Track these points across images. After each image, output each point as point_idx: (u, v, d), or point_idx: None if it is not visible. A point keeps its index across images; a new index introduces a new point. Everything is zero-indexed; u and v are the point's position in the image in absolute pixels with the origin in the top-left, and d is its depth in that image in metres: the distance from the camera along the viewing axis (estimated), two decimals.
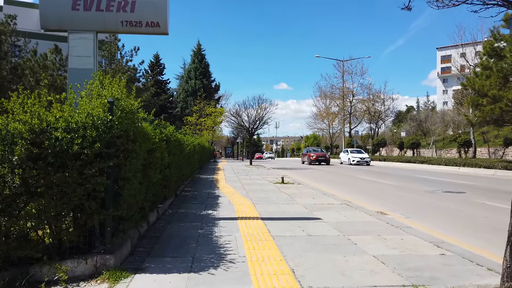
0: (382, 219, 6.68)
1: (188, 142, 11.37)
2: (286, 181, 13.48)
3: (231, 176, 16.85)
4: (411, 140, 35.10)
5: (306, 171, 22.53)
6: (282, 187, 12.02)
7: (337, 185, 13.88)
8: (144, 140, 4.80)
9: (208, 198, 9.35)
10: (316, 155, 31.21)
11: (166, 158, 6.93)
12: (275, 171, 20.98)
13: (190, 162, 12.20)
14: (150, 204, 5.85)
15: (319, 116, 54.96)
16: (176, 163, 8.55)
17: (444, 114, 64.80)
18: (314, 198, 9.34)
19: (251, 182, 13.78)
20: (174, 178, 8.15)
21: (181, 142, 9.07)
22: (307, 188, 11.84)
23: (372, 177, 17.54)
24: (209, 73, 47.49)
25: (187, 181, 12.70)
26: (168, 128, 7.91)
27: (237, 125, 28.24)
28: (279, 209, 7.74)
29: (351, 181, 15.72)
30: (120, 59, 30.84)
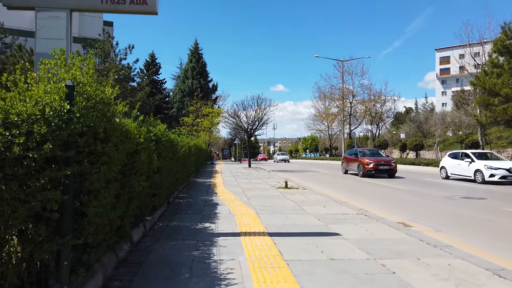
0: (413, 235, 5.61)
1: (183, 143, 10.27)
2: (289, 186, 12.41)
3: (229, 179, 15.75)
4: (414, 141, 34.13)
5: (307, 174, 21.48)
6: (286, 192, 10.94)
7: (343, 190, 12.83)
8: (122, 139, 3.70)
9: (205, 206, 8.25)
10: (374, 161, 18.17)
11: (155, 161, 5.84)
12: (276, 174, 19.91)
13: (185, 165, 11.10)
14: (134, 219, 4.76)
15: (318, 117, 53.98)
16: (168, 167, 7.45)
17: (445, 115, 64.13)
18: (325, 207, 8.26)
19: (252, 186, 12.69)
20: (165, 184, 7.05)
21: (174, 143, 7.98)
22: (314, 193, 10.77)
23: (377, 180, 16.49)
24: (206, 72, 46.36)
25: (182, 186, 11.60)
26: (158, 126, 6.82)
27: (235, 125, 27.13)
28: (288, 221, 6.65)
29: (358, 185, 14.67)
30: (114, 57, 29.80)
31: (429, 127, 65.19)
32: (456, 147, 56.58)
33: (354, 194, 11.54)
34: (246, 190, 11.48)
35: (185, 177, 11.82)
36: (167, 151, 7.11)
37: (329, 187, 13.66)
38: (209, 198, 9.65)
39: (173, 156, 8.02)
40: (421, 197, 10.88)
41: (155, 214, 6.47)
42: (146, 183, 5.26)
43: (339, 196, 10.54)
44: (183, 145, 10.08)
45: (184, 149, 10.11)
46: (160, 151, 6.46)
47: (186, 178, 12.60)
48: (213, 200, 9.20)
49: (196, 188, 12.03)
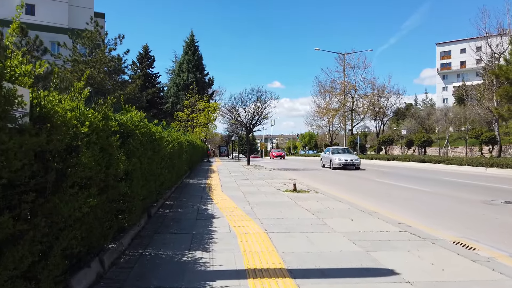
0: (505, 272, 3.75)
1: (171, 138, 8.35)
2: (298, 188, 10.53)
3: (227, 180, 13.84)
4: (422, 137, 32.29)
5: (312, 173, 19.61)
6: (297, 197, 9.06)
7: (362, 193, 10.96)
8: None
9: (198, 220, 6.34)
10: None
11: (121, 163, 3.94)
12: (278, 173, 18.02)
13: (175, 165, 9.18)
14: (68, 266, 2.83)
15: (319, 112, 52.08)
16: (147, 169, 5.53)
17: (448, 110, 62.46)
18: (353, 220, 6.38)
19: (254, 190, 10.79)
20: (141, 194, 5.13)
21: (155, 137, 6.06)
22: (331, 199, 8.90)
23: (394, 180, 14.65)
24: (203, 66, 44.14)
25: (172, 189, 9.69)
26: (130, 113, 4.92)
27: (233, 120, 25.14)
28: (312, 245, 4.75)
29: (374, 186, 12.80)
30: (103, 47, 27.76)
31: (431, 122, 63.64)
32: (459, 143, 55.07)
33: (378, 199, 9.67)
34: (248, 195, 9.58)
35: (174, 179, 9.90)
36: (144, 148, 5.19)
37: (344, 189, 11.79)
38: (203, 206, 7.74)
39: (155, 154, 6.10)
40: (453, 200, 9.03)
41: (125, 238, 4.55)
42: (100, 198, 3.35)
43: (361, 202, 8.68)
44: (171, 140, 8.16)
45: (172, 145, 8.19)
46: (131, 148, 4.54)
47: (177, 179, 10.69)
48: (208, 210, 7.29)
49: (188, 192, 10.11)
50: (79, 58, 27.19)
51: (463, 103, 72.95)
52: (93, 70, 26.43)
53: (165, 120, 43.79)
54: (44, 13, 44.24)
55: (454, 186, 12.62)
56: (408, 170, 21.40)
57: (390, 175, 17.72)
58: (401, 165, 26.98)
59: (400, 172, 19.98)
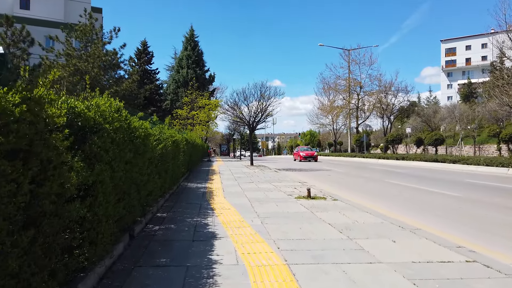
0: None
1: (163, 136, 6.90)
2: (313, 194, 9.08)
3: (230, 184, 12.40)
4: (433, 136, 30.76)
5: (321, 173, 18.14)
6: (314, 206, 7.61)
7: (385, 199, 9.50)
8: None
9: (194, 242, 4.89)
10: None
11: (76, 173, 2.49)
12: (285, 175, 16.55)
13: (168, 169, 7.72)
14: None
15: (323, 110, 50.57)
16: (126, 177, 4.09)
17: (454, 108, 60.90)
18: (396, 242, 4.92)
19: (262, 196, 9.33)
20: (113, 212, 3.68)
21: (137, 134, 4.61)
22: (354, 208, 7.44)
23: (414, 182, 13.18)
24: (203, 61, 42.55)
25: (166, 196, 8.25)
26: (95, 100, 3.48)
27: (235, 117, 23.66)
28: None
29: (395, 190, 11.32)
30: (96, 41, 26.35)
31: (437, 121, 62.12)
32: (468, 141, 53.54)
33: (410, 208, 8.22)
34: (256, 203, 8.12)
35: (169, 184, 8.45)
36: (120, 149, 3.74)
37: (363, 194, 10.33)
38: (202, 220, 6.29)
39: (138, 157, 4.65)
40: (501, 210, 7.56)
41: (85, 281, 3.09)
42: (20, 238, 1.90)
43: (392, 212, 7.23)
44: (163, 138, 6.70)
45: (165, 144, 6.73)
46: (94, 150, 3.09)
47: (172, 184, 9.24)
48: (208, 226, 5.84)
49: (185, 200, 8.66)
50: (72, 52, 25.74)
51: (468, 101, 71.62)
52: (87, 65, 25.03)
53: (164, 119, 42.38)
54: (39, 8, 42.85)
55: (485, 190, 11.16)
56: (423, 171, 19.93)
57: (407, 176, 16.25)
58: (412, 165, 25.50)
59: (415, 173, 18.51)
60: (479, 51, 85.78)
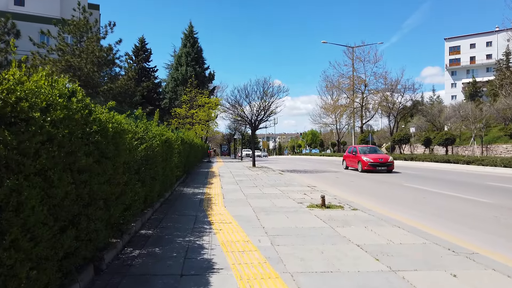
0: None
1: (149, 135, 5.60)
2: (327, 202, 7.79)
3: (231, 189, 11.11)
4: (444, 135, 29.40)
5: (328, 176, 16.83)
6: (331, 219, 6.32)
7: (411, 207, 8.21)
8: None
9: (183, 278, 3.57)
10: None
11: None
12: (291, 177, 15.25)
13: (158, 173, 6.42)
14: None
15: (326, 109, 49.26)
16: (86, 193, 2.80)
17: (461, 107, 59.56)
18: (457, 276, 3.63)
19: (268, 204, 8.03)
20: (46, 253, 2.39)
21: (107, 129, 3.32)
22: (382, 221, 6.15)
23: (433, 186, 11.89)
24: (203, 59, 41.20)
25: (155, 206, 6.97)
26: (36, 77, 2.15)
27: (236, 116, 22.33)
28: None
29: (418, 196, 10.02)
30: (90, 35, 25.09)
31: (443, 120, 60.81)
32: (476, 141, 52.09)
33: (448, 220, 6.92)
34: (262, 214, 6.83)
35: (158, 192, 7.16)
36: (65, 152, 2.44)
37: (384, 201, 9.04)
38: (196, 240, 5.00)
39: (106, 162, 3.36)
40: None
41: None
42: None
43: (429, 227, 5.93)
44: (148, 137, 5.42)
45: (150, 144, 5.44)
46: (2, 155, 1.77)
47: (164, 191, 7.94)
48: (203, 249, 4.55)
49: (178, 209, 7.38)
50: (65, 47, 24.45)
51: (473, 100, 70.26)
52: (80, 61, 23.76)
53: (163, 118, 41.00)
54: (34, 4, 41.61)
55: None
56: (438, 173, 18.62)
57: (423, 179, 14.95)
58: (422, 166, 24.20)
59: (430, 175, 17.21)
60: (483, 49, 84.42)
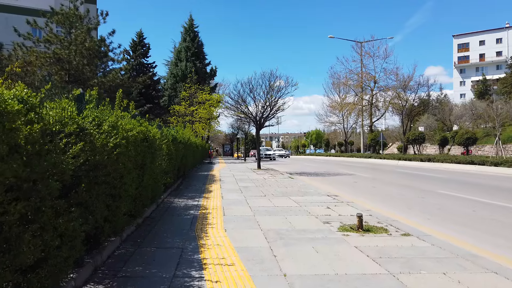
0: None
1: (104, 128, 3.50)
2: (365, 223, 5.68)
3: (234, 199, 9.02)
4: (464, 134, 27.18)
5: (342, 180, 14.68)
6: (382, 254, 4.22)
7: (466, 223, 6.08)
8: None
9: None
10: None
11: None
12: (303, 182, 13.12)
13: (121, 190, 4.32)
14: None
15: (333, 108, 47.07)
16: None
17: (473, 106, 57.28)
18: None
19: (284, 225, 5.92)
20: None
21: None
22: (463, 260, 4.05)
23: (477, 195, 9.76)
24: (203, 54, 39.07)
25: (122, 236, 4.90)
26: None
27: (239, 112, 20.23)
28: None
29: (467, 207, 7.89)
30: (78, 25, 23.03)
31: (454, 118, 58.58)
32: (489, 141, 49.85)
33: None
34: (278, 245, 4.73)
35: (130, 212, 5.05)
36: None
37: (433, 217, 6.92)
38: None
39: None
40: None
41: None
42: None
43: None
44: (95, 132, 3.31)
45: (102, 143, 3.33)
46: None
47: (140, 208, 5.81)
48: None
49: (159, 237, 5.30)
50: (52, 39, 22.40)
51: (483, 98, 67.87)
52: (68, 53, 21.73)
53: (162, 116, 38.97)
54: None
55: None
56: (467, 176, 16.46)
57: (457, 184, 12.81)
58: (443, 168, 22.02)
59: (460, 178, 15.05)
60: (493, 46, 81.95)
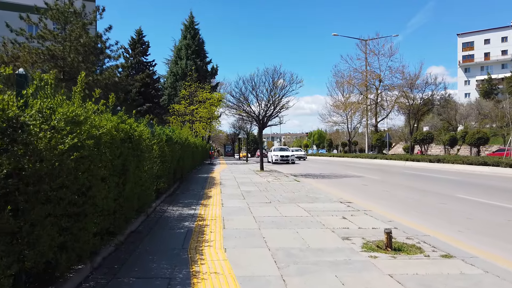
0: None
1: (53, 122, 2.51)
2: (396, 241, 4.67)
3: (236, 207, 8.03)
4: (476, 134, 26.12)
5: (351, 182, 13.68)
6: (424, 286, 3.23)
7: None
8: None
9: None
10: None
11: None
12: (310, 185, 12.12)
13: (93, 203, 3.35)
14: None
15: (337, 107, 46.04)
16: None
17: (480, 105, 56.23)
18: None
19: (298, 243, 4.92)
20: None
21: None
22: None
23: (495, 198, 8.75)
24: (204, 52, 38.09)
25: (95, 260, 3.91)
26: None
27: (240, 111, 19.25)
28: None
29: (500, 216, 6.89)
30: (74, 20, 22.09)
31: (459, 118, 57.55)
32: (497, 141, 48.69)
33: None
34: (291, 272, 3.73)
35: (107, 229, 4.06)
36: None
37: (472, 232, 5.92)
38: None
39: None
40: None
41: None
42: None
43: None
44: (36, 127, 2.28)
45: (73, 143, 2.33)
46: None
47: (122, 223, 4.81)
48: None
49: (142, 261, 4.31)
50: (46, 34, 21.46)
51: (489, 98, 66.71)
52: (62, 49, 20.78)
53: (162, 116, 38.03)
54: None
55: None
56: (485, 178, 15.44)
57: (477, 188, 11.80)
58: (454, 169, 20.98)
59: (478, 181, 14.03)
60: (499, 45, 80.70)
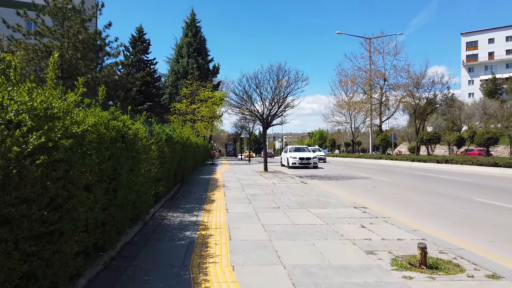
0: None
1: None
2: (438, 261, 4.00)
3: (242, 213, 7.37)
4: (485, 134, 25.42)
5: (359, 183, 12.98)
6: None
7: None
8: None
9: None
10: None
11: None
12: (319, 188, 11.46)
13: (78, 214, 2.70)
14: None
15: (341, 106, 45.35)
16: None
17: (485, 105, 55.49)
18: None
19: (316, 260, 4.22)
20: None
21: None
22: None
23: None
24: (206, 50, 37.45)
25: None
26: None
27: (243, 109, 18.61)
28: None
29: None
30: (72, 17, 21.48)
31: (464, 118, 56.82)
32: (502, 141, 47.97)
33: None
34: None
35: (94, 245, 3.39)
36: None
37: (502, 243, 5.26)
38: None
39: None
40: None
41: None
42: None
43: None
44: None
45: (39, 143, 1.67)
46: None
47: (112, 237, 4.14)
48: None
49: (135, 282, 3.69)
50: (44, 31, 20.84)
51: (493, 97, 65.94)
52: (60, 46, 20.16)
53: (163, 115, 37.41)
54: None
55: None
56: (499, 180, 14.76)
57: (493, 191, 11.12)
58: (465, 171, 20.27)
59: (491, 183, 13.35)
60: (503, 44, 79.84)
